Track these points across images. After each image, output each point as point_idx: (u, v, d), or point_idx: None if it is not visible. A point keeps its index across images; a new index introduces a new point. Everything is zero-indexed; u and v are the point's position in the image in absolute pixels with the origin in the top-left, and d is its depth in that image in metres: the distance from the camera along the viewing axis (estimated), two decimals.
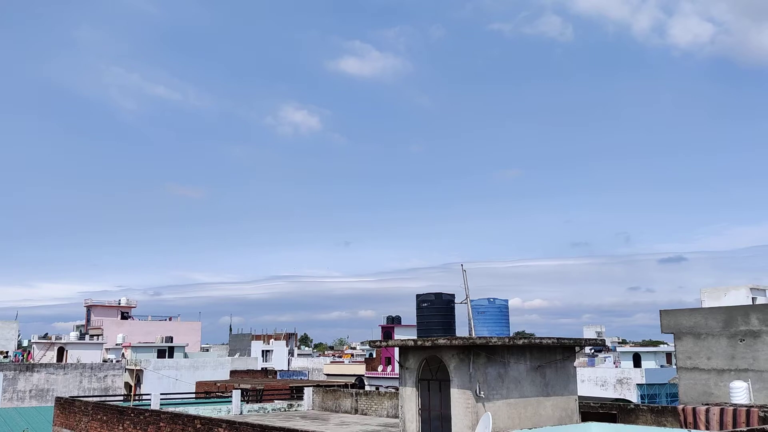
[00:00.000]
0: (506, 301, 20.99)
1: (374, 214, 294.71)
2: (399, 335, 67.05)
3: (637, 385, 56.11)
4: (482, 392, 18.15)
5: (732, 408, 19.39)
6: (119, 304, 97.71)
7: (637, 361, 64.89)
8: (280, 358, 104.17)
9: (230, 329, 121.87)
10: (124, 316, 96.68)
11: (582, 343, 21.57)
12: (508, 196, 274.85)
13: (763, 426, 16.44)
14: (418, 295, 21.14)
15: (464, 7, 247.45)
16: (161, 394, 35.23)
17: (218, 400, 37.49)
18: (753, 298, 40.65)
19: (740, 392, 33.63)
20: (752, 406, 23.60)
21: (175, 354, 73.81)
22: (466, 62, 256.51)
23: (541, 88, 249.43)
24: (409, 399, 20.35)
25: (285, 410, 32.70)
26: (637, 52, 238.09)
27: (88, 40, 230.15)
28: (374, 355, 77.80)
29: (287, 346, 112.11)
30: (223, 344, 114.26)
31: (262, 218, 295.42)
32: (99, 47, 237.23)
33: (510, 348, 18.96)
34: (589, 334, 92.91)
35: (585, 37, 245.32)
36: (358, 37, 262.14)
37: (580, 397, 25.18)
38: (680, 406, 20.39)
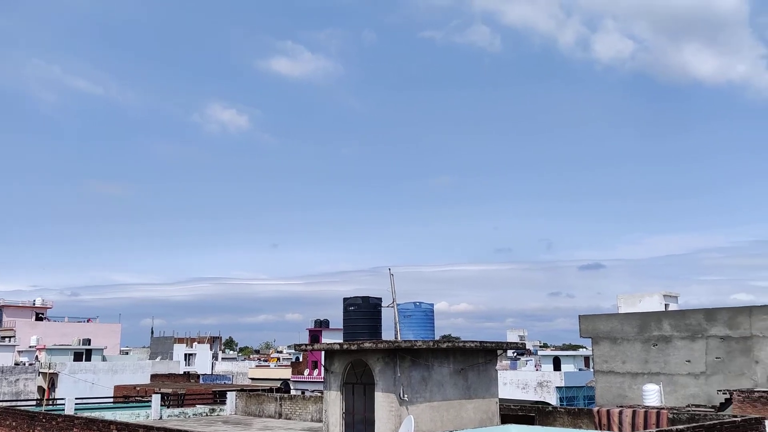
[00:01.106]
0: (432, 305, 21.27)
1: (304, 217, 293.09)
2: (327, 339, 66.79)
3: (557, 387, 57.83)
4: (406, 395, 18.31)
5: (644, 410, 20.23)
6: (34, 304, 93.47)
7: (557, 364, 66.92)
8: (203, 362, 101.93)
9: (152, 332, 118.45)
10: (39, 317, 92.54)
11: (504, 346, 22.07)
12: (439, 201, 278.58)
13: (672, 427, 17.23)
14: (345, 299, 21.15)
15: (396, 13, 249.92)
16: (76, 398, 33.83)
17: (137, 404, 36.35)
18: (666, 304, 42.51)
19: (652, 395, 35.17)
20: (663, 408, 24.70)
21: (92, 357, 71.17)
22: (398, 68, 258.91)
23: (472, 97, 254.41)
24: (334, 403, 20.31)
25: (207, 415, 32.02)
26: (563, 65, 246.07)
27: (5, 29, 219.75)
28: (301, 359, 77.27)
29: (211, 349, 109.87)
30: (144, 347, 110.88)
31: (186, 218, 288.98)
32: (18, 37, 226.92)
33: (434, 351, 19.21)
34: (512, 337, 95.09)
35: (513, 48, 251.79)
36: (290, 37, 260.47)
37: (501, 399, 25.77)
38: (595, 408, 21.14)
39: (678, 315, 38.95)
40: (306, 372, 72.43)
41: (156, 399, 31.49)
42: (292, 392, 60.57)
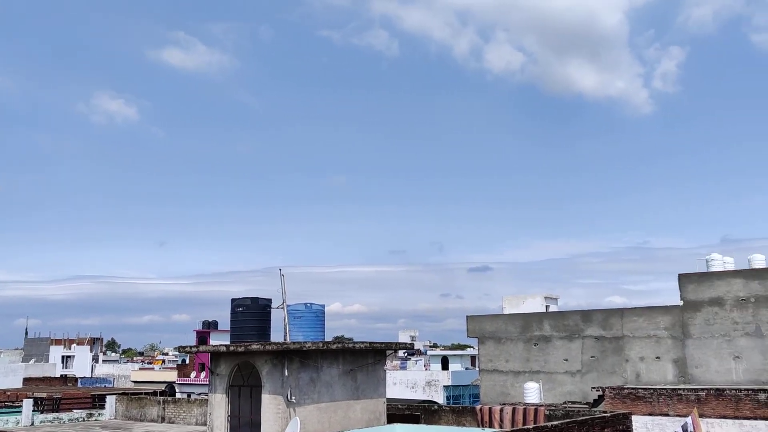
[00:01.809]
0: (323, 306, 21.24)
1: (194, 214, 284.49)
2: (215, 340, 65.15)
3: (444, 386, 59.30)
4: (294, 397, 18.19)
5: (523, 407, 21.12)
6: None
7: (445, 363, 68.61)
8: (82, 365, 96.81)
9: (26, 333, 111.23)
10: None
11: (393, 347, 22.38)
12: (334, 201, 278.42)
13: (547, 423, 18.09)
14: (233, 300, 20.75)
15: (294, 11, 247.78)
16: None
17: (7, 410, 34.00)
18: (546, 306, 44.57)
19: (532, 392, 36.81)
20: (541, 405, 25.88)
21: None
22: (295, 65, 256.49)
23: (369, 98, 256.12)
24: (219, 406, 19.87)
25: (84, 420, 30.45)
26: (457, 73, 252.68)
27: None
28: (187, 361, 75.00)
29: (91, 351, 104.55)
30: (16, 349, 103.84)
31: (66, 212, 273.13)
32: None
33: (324, 353, 19.19)
34: (403, 338, 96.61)
35: (410, 54, 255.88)
36: (183, 28, 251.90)
37: (390, 399, 26.15)
38: (478, 406, 21.85)
39: (557, 316, 41.01)
40: (193, 374, 70.36)
41: (27, 404, 29.61)
42: (178, 395, 58.69)
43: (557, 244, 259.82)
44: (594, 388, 35.12)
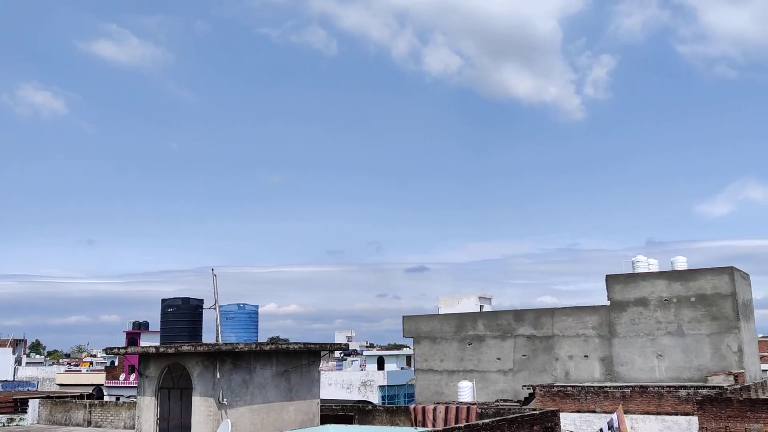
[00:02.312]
0: (256, 306, 20.99)
1: (125, 212, 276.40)
2: (146, 342, 63.46)
3: (380, 386, 59.49)
4: (225, 399, 17.91)
5: (456, 406, 21.40)
6: None
7: (381, 364, 68.87)
8: (4, 368, 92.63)
9: None
10: None
11: (328, 347, 22.31)
12: (270, 200, 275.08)
13: (479, 421, 18.38)
14: (163, 300, 20.28)
15: (231, 7, 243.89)
16: None
17: None
18: (481, 306, 45.32)
19: (466, 391, 37.34)
20: (474, 404, 26.26)
21: None
22: (231, 61, 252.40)
23: (307, 97, 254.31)
24: (148, 408, 19.37)
25: (5, 425, 29.17)
26: (396, 75, 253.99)
27: None
28: (116, 363, 72.82)
29: (14, 353, 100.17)
30: None
31: None
32: None
33: (257, 354, 18.96)
34: (340, 338, 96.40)
35: (348, 53, 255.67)
36: (115, 20, 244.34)
37: (326, 400, 26.05)
38: (412, 406, 22.02)
39: (491, 316, 41.76)
40: (122, 377, 68.34)
41: None
42: (106, 398, 56.88)
43: (492, 245, 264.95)
44: (525, 386, 35.91)
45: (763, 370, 50.86)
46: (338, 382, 61.59)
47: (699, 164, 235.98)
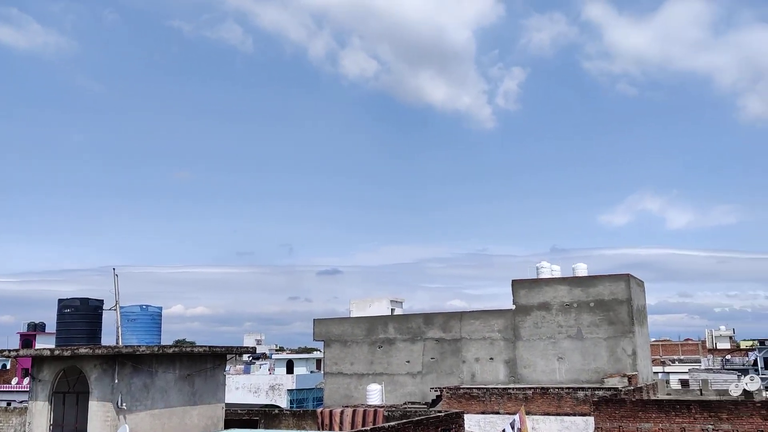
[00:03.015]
0: (160, 308, 20.35)
1: (23, 207, 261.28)
2: (43, 344, 60.35)
3: (288, 390, 58.95)
4: (124, 404, 17.25)
5: (363, 409, 21.47)
6: None
7: (290, 367, 68.23)
8: None
9: None
10: None
11: (234, 351, 21.90)
12: (179, 197, 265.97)
13: (385, 424, 18.52)
14: (60, 300, 19.31)
15: None
16: None
17: None
18: (392, 309, 45.73)
19: (375, 394, 37.57)
20: (381, 407, 26.44)
21: None
22: (141, 53, 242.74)
23: (220, 93, 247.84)
24: (40, 414, 18.39)
25: None
26: (313, 76, 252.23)
27: None
28: (8, 367, 68.80)
29: None
30: None
31: None
32: None
33: (159, 357, 18.37)
34: (249, 342, 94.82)
35: (264, 51, 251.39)
36: (16, 4, 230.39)
37: (233, 404, 25.63)
38: (319, 409, 21.92)
39: (402, 319, 42.21)
40: (14, 381, 64.67)
41: None
42: None
43: (406, 248, 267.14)
44: (432, 388, 36.48)
45: (654, 373, 53.75)
46: (245, 386, 60.59)
47: (601, 176, 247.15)
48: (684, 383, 57.89)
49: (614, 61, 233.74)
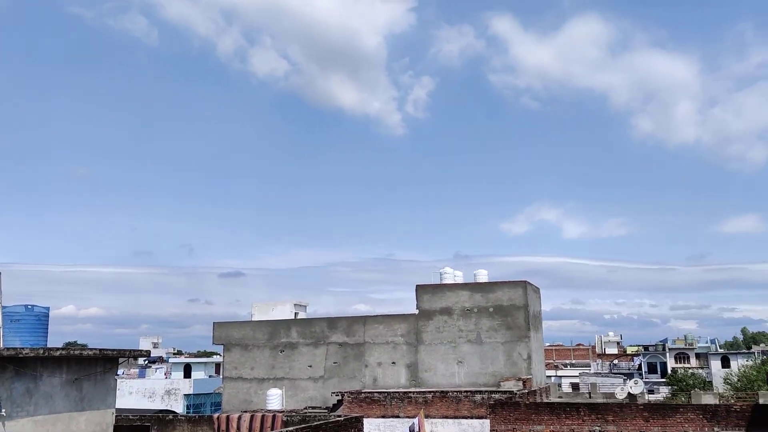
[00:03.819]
0: (47, 308, 19.21)
1: None
2: None
3: (185, 395, 57.23)
4: (4, 410, 16.14)
5: (261, 414, 21.09)
6: None
7: (188, 371, 66.26)
8: None
9: None
10: None
11: (127, 354, 20.98)
12: (73, 193, 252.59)
13: (284, 429, 18.26)
14: None
15: None
16: None
17: None
18: (296, 313, 45.26)
19: (275, 399, 37.03)
20: (279, 412, 26.09)
21: None
22: (38, 40, 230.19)
23: (122, 85, 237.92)
24: None
25: None
26: (221, 72, 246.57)
27: None
28: None
29: None
30: None
31: None
32: None
33: (44, 360, 17.32)
34: (145, 345, 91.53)
35: (170, 45, 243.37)
36: None
37: (124, 410, 24.51)
38: (216, 415, 21.35)
39: (305, 323, 41.88)
40: None
41: None
42: None
43: (312, 252, 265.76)
44: (334, 393, 36.39)
45: (547, 376, 55.88)
46: (140, 391, 58.32)
47: (503, 186, 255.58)
48: (575, 386, 60.53)
49: (519, 76, 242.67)
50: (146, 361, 75.76)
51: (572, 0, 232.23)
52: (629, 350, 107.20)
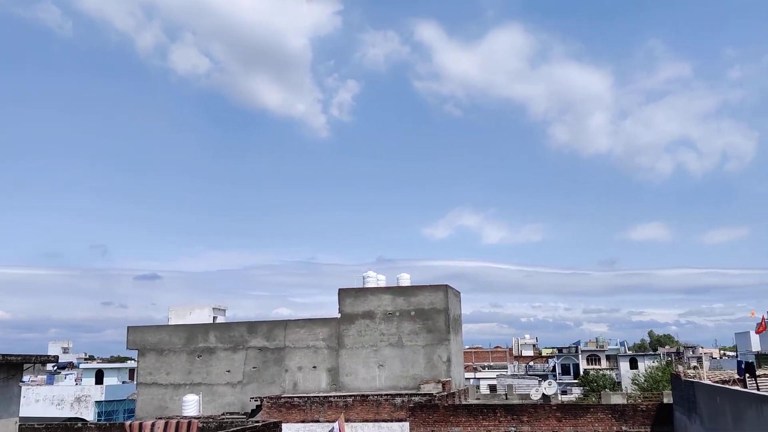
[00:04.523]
0: None
1: None
2: None
3: (96, 402, 55.00)
4: None
5: (176, 420, 20.50)
6: None
7: (99, 377, 63.70)
8: None
9: None
10: None
11: (33, 360, 19.96)
12: None
13: None
14: None
15: None
16: None
17: None
18: (214, 317, 44.32)
19: (191, 405, 36.13)
20: (197, 418, 25.46)
21: None
22: None
23: (31, 78, 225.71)
24: None
25: None
26: (140, 68, 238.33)
27: None
28: None
29: None
30: None
31: None
32: None
33: None
34: (54, 350, 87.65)
35: (86, 38, 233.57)
36: None
37: (29, 418, 23.31)
38: (128, 423, 20.61)
39: (224, 327, 41.02)
40: None
41: None
42: None
43: (232, 254, 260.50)
44: (253, 398, 35.82)
45: (466, 378, 56.88)
46: (47, 398, 55.66)
47: (426, 191, 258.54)
48: (492, 388, 61.90)
49: (443, 83, 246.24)
50: (55, 367, 72.37)
51: (495, 10, 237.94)
52: (544, 352, 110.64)
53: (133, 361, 67.05)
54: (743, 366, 22.81)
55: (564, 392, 70.76)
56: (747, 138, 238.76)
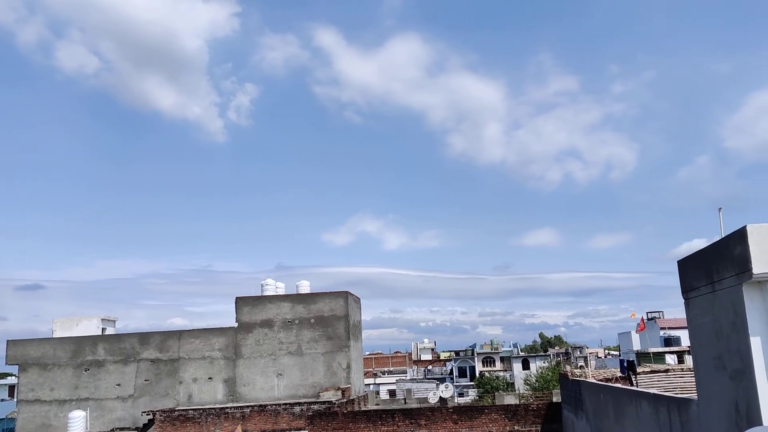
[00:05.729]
0: None
1: None
2: None
3: None
4: None
5: None
6: None
7: None
8: None
9: None
10: None
11: None
12: None
13: None
14: None
15: None
16: None
17: None
18: (103, 328, 42.30)
19: (77, 422, 34.32)
20: None
21: None
22: None
23: None
24: None
25: None
26: (21, 65, 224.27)
27: None
28: None
29: None
30: None
31: None
32: None
33: None
34: None
35: None
36: None
37: None
38: None
39: (113, 339, 39.20)
40: None
41: None
42: None
43: (123, 263, 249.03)
44: (144, 412, 34.45)
45: (366, 384, 57.25)
46: None
47: (326, 197, 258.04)
48: (392, 393, 62.58)
49: (342, 89, 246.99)
50: None
51: (393, 19, 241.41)
52: (442, 356, 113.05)
53: (13, 377, 62.86)
54: (625, 364, 24.29)
55: (461, 394, 72.58)
56: (628, 149, 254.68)
